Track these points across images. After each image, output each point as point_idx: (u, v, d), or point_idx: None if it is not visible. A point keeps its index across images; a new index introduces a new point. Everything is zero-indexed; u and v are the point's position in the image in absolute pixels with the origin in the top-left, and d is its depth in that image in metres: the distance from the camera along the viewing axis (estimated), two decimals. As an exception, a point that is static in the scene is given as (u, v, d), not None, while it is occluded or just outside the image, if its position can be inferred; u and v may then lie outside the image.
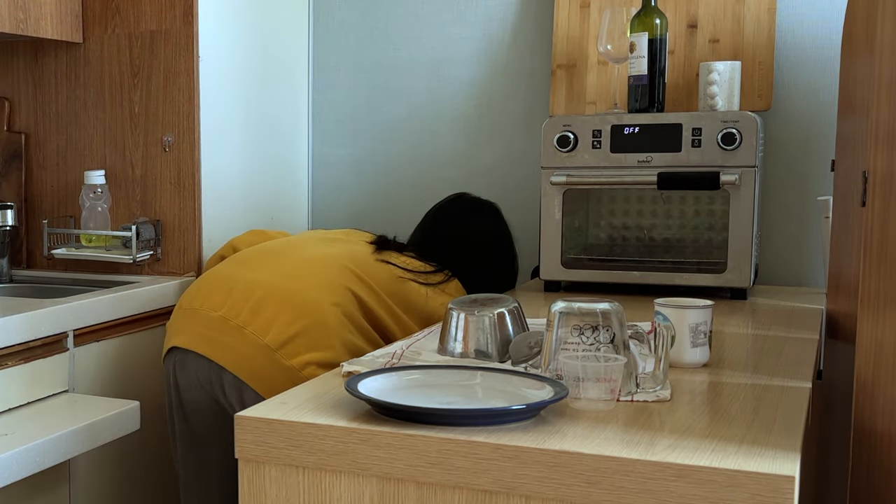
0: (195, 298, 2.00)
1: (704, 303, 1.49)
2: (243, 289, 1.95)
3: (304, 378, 1.79)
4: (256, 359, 1.87)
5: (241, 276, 1.99)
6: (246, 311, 1.91)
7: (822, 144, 2.34)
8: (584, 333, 1.29)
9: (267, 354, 1.87)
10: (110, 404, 1.95)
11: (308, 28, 2.82)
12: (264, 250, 2.13)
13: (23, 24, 2.27)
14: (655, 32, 2.19)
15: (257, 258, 2.08)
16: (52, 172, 2.53)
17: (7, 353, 1.86)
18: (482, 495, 1.12)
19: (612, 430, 1.16)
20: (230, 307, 1.93)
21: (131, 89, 2.41)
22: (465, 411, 1.21)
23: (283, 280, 1.96)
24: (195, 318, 1.97)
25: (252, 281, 1.96)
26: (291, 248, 2.12)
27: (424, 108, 2.73)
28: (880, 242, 1.25)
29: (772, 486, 1.00)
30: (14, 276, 2.47)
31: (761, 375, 1.44)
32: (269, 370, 1.86)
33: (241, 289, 1.95)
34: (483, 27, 2.66)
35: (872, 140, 1.25)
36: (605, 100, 2.42)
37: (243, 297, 1.93)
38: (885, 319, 1.25)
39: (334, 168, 2.84)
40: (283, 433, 1.21)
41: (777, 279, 2.39)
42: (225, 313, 1.92)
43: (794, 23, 2.35)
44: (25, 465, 1.71)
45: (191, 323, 1.97)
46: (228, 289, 1.97)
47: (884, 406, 1.25)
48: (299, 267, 2.01)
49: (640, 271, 2.18)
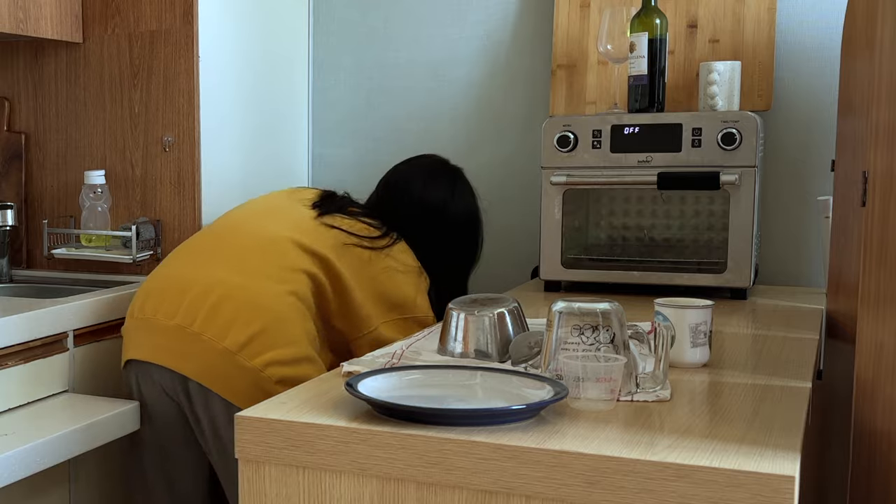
0: (146, 305, 1.93)
1: (704, 303, 1.49)
2: (198, 292, 1.88)
3: (266, 378, 1.79)
4: (218, 364, 1.82)
5: (192, 277, 1.93)
6: (202, 316, 1.85)
7: (822, 144, 2.34)
8: (584, 333, 1.29)
9: (227, 358, 1.82)
10: (110, 404, 1.95)
11: (308, 28, 2.82)
12: (208, 237, 2.06)
13: (23, 24, 2.27)
14: (655, 32, 2.19)
15: (203, 249, 2.02)
16: (52, 172, 2.53)
17: (7, 353, 1.86)
18: (482, 495, 1.12)
19: (612, 430, 1.16)
20: (185, 313, 1.86)
21: (131, 89, 2.41)
22: (465, 411, 1.21)
23: (237, 276, 1.90)
24: (150, 328, 1.91)
25: (205, 283, 1.89)
26: (234, 231, 2.04)
27: (424, 108, 2.73)
28: (880, 242, 1.25)
29: (772, 486, 1.00)
30: (14, 276, 2.47)
31: (761, 375, 1.44)
32: (231, 374, 1.82)
33: (196, 291, 1.88)
34: (483, 27, 2.66)
35: (872, 140, 1.25)
36: (605, 100, 2.42)
37: (198, 301, 1.87)
38: (885, 319, 1.25)
39: (334, 168, 2.84)
40: (283, 433, 1.21)
41: (777, 279, 2.39)
42: (180, 321, 1.86)
43: (794, 23, 2.35)
44: (25, 465, 1.71)
45: (146, 334, 1.91)
46: (181, 291, 1.90)
47: (884, 406, 1.25)
48: (249, 256, 1.94)
49: (640, 271, 2.18)
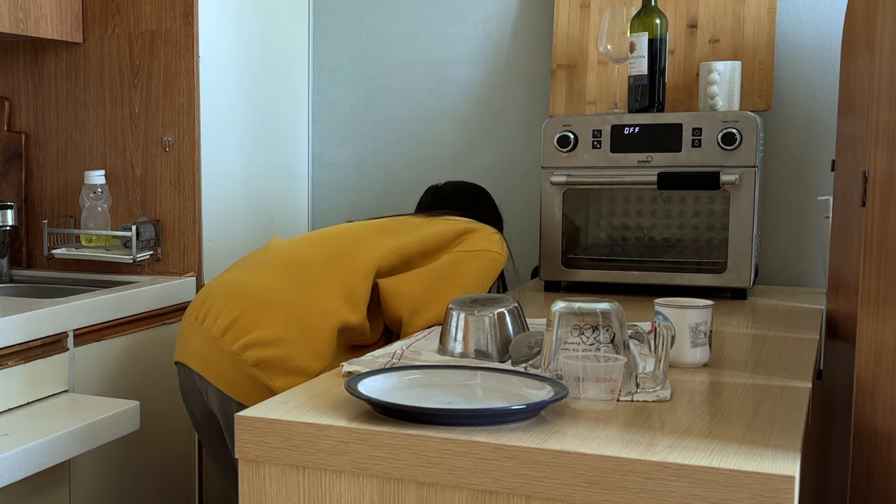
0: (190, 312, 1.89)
1: (704, 303, 1.49)
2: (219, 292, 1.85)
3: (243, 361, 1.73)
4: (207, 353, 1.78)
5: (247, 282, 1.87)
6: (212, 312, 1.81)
7: (822, 144, 2.34)
8: (584, 333, 1.29)
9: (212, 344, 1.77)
10: (110, 404, 1.95)
11: (308, 28, 2.82)
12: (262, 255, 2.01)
13: (23, 24, 2.27)
14: (655, 32, 2.19)
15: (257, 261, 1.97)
16: (52, 172, 2.53)
17: (7, 353, 1.86)
18: (482, 495, 1.12)
19: (612, 430, 1.16)
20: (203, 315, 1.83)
21: (131, 89, 2.41)
22: (465, 411, 1.21)
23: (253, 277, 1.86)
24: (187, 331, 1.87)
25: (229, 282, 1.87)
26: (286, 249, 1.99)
27: (424, 108, 2.73)
28: (880, 242, 1.25)
29: (772, 486, 1.00)
30: (14, 276, 2.47)
31: (761, 375, 1.44)
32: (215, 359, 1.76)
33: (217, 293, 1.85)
34: (483, 27, 2.66)
35: (872, 140, 1.25)
36: (605, 100, 2.42)
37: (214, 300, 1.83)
38: (885, 319, 1.25)
39: (334, 168, 2.84)
40: (283, 433, 1.21)
41: (777, 279, 2.39)
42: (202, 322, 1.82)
43: (794, 23, 2.35)
44: (25, 465, 1.71)
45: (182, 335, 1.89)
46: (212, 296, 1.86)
47: (884, 406, 1.25)
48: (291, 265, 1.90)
49: (640, 271, 2.18)
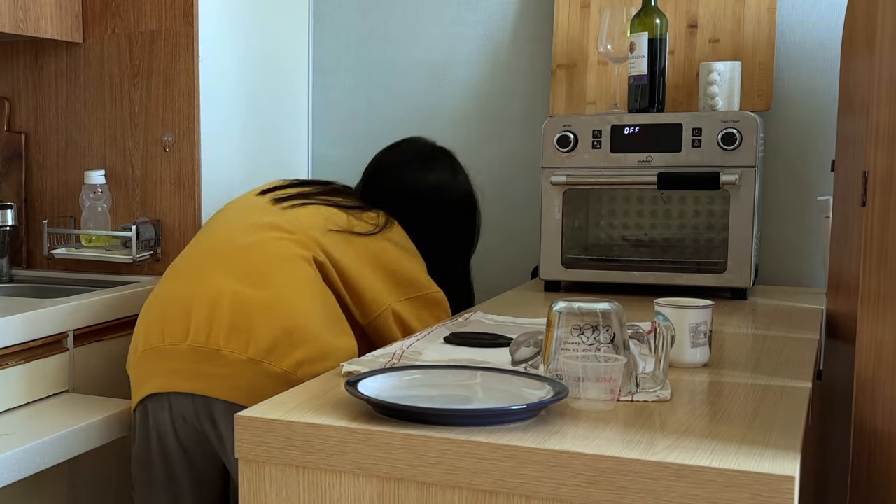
0: (151, 335, 1.80)
1: (704, 303, 1.49)
2: (202, 306, 1.75)
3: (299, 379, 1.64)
4: (244, 376, 1.70)
5: (190, 294, 1.79)
6: (215, 330, 1.72)
7: (821, 144, 2.34)
8: (584, 333, 1.29)
9: (253, 368, 1.70)
10: (110, 404, 1.95)
11: (308, 28, 2.82)
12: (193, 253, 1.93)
13: (23, 24, 2.27)
14: (655, 32, 2.19)
15: (192, 265, 1.89)
16: (52, 172, 2.53)
17: (7, 353, 1.86)
18: (482, 495, 1.12)
19: (612, 430, 1.16)
20: (195, 332, 1.74)
21: (131, 89, 2.41)
22: (465, 411, 1.21)
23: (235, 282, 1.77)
24: (161, 356, 1.77)
25: (206, 296, 1.76)
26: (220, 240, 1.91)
27: (424, 108, 2.73)
28: (880, 242, 1.25)
29: (772, 486, 1.00)
30: (14, 276, 2.47)
31: (761, 375, 1.44)
32: (260, 384, 1.67)
33: (200, 307, 1.75)
34: (483, 27, 2.66)
35: (872, 140, 1.25)
36: (605, 100, 2.42)
37: (206, 316, 1.74)
38: (885, 319, 1.25)
39: (334, 168, 2.84)
40: (283, 433, 1.21)
41: (777, 279, 2.39)
42: (192, 341, 1.73)
43: (794, 23, 2.35)
44: (25, 465, 1.71)
45: (157, 363, 1.78)
46: (184, 311, 1.77)
47: (884, 406, 1.25)
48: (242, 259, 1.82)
49: (640, 271, 2.18)
